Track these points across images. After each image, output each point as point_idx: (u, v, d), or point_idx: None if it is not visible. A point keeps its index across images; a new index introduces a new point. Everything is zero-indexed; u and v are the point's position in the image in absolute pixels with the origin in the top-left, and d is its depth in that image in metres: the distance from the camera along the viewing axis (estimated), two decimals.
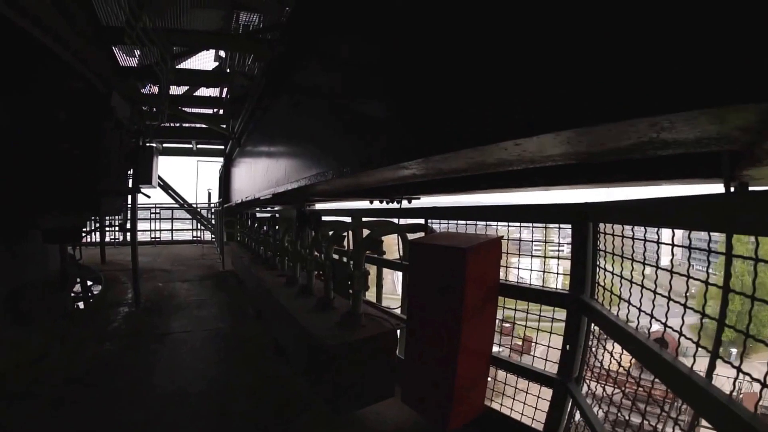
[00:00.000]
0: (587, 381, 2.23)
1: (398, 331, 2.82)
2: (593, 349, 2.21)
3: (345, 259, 3.71)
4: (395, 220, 3.43)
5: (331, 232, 3.32)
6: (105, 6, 4.82)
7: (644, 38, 0.74)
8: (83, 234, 4.79)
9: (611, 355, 2.03)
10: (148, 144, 5.70)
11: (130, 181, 5.28)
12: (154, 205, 13.43)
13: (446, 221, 3.16)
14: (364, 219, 3.68)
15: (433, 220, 3.24)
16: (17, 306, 4.10)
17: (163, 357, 3.95)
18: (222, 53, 10.35)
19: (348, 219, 4.18)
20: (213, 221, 13.49)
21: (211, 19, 7.85)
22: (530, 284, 2.60)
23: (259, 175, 5.11)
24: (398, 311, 3.35)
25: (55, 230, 4.06)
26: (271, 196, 4.09)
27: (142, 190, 5.29)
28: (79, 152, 3.55)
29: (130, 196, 5.03)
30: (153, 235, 13.85)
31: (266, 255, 5.50)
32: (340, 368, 2.51)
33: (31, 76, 3.83)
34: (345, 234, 3.50)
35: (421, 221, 3.29)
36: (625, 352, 1.77)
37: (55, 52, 3.32)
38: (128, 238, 5.97)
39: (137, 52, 7.10)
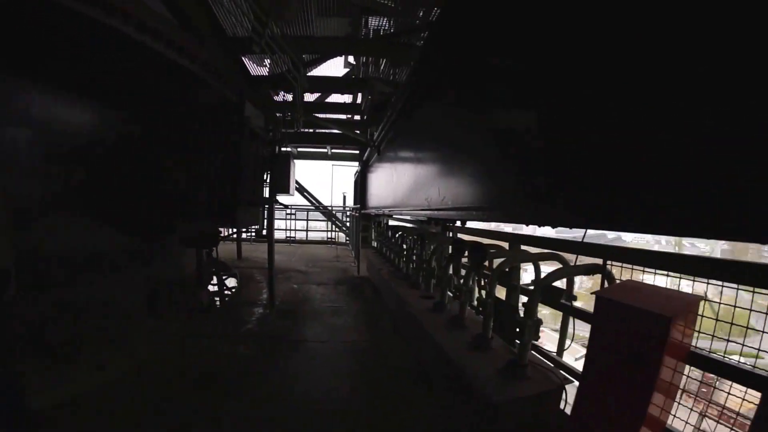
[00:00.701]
0: None
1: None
2: None
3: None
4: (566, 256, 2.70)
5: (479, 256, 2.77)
6: (229, 16, 5.03)
7: None
8: (219, 238, 5.02)
9: None
10: (284, 151, 5.84)
11: (267, 189, 5.39)
12: (289, 206, 14.17)
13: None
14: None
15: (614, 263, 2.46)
16: (155, 304, 4.45)
17: (297, 367, 3.79)
18: (351, 59, 10.62)
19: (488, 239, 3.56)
20: (348, 224, 13.92)
21: (340, 26, 7.96)
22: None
23: (402, 187, 4.81)
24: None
25: (192, 236, 4.27)
26: (425, 218, 3.73)
27: (279, 197, 5.40)
28: (214, 163, 3.63)
29: (266, 206, 5.16)
30: (288, 234, 14.63)
31: (407, 270, 5.11)
32: (504, 428, 2.18)
33: (163, 90, 4.10)
34: (511, 269, 2.97)
35: (598, 261, 2.53)
36: None
37: (186, 66, 3.43)
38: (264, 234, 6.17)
39: (267, 61, 7.55)
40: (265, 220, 4.88)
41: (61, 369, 3.25)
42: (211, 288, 6.44)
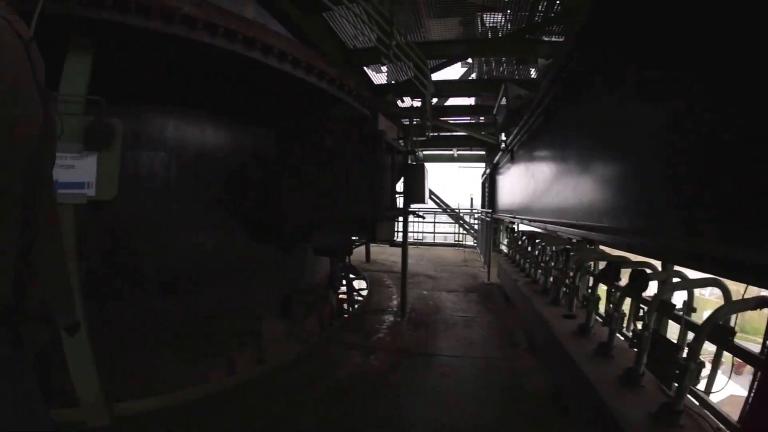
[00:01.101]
0: None
1: None
2: None
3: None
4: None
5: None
6: (348, 29, 5.17)
7: None
8: (353, 249, 5.20)
9: None
10: (418, 161, 5.86)
11: (401, 200, 5.42)
12: (418, 209, 14.22)
13: None
14: None
15: None
16: (288, 309, 4.68)
17: (430, 385, 3.65)
18: (470, 60, 10.24)
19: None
20: (475, 227, 13.50)
21: (452, 28, 7.70)
22: None
23: (544, 195, 4.49)
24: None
25: (326, 247, 4.47)
26: (581, 237, 3.39)
27: (413, 207, 5.40)
28: (352, 178, 3.76)
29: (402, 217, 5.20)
30: (416, 236, 14.77)
31: (545, 284, 4.64)
32: None
33: (296, 107, 4.39)
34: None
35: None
36: None
37: (316, 85, 3.62)
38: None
39: (384, 69, 7.63)
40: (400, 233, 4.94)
41: (195, 368, 3.47)
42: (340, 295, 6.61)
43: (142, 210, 3.27)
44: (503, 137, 7.36)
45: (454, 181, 15.14)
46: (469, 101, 10.59)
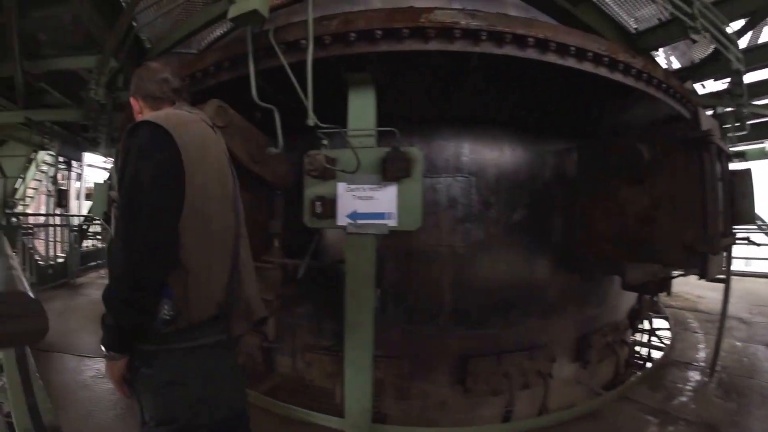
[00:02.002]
0: None
1: None
2: None
3: None
4: None
5: None
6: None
7: None
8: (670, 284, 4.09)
9: None
10: (743, 167, 4.25)
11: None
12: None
13: None
14: None
15: None
16: (582, 351, 3.93)
17: None
18: None
19: None
20: None
21: None
22: None
23: None
24: None
25: (641, 282, 3.57)
26: None
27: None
28: (672, 195, 2.81)
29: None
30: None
31: None
32: None
33: (593, 114, 3.61)
34: None
35: None
36: None
37: (620, 83, 2.85)
38: None
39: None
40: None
41: (473, 404, 3.30)
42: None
43: (440, 237, 3.22)
44: None
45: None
46: None
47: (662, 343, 5.72)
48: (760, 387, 4.02)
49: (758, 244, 4.59)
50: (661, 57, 6.18)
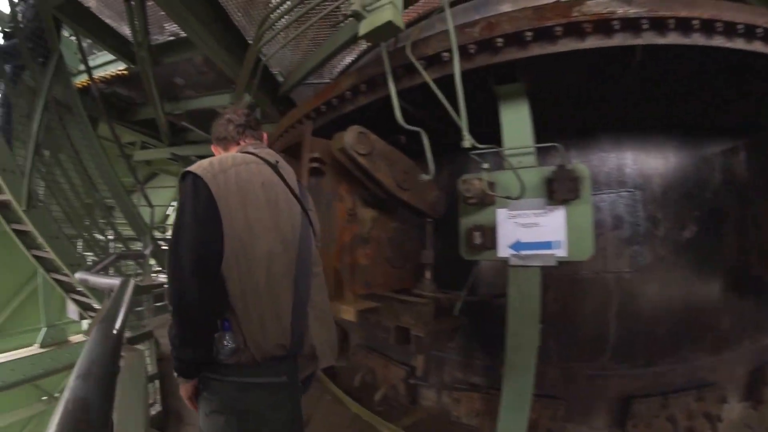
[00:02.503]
0: None
1: None
2: None
3: None
4: None
5: None
6: None
7: None
8: None
9: None
10: None
11: None
12: None
13: None
14: None
15: None
16: (756, 389, 3.22)
17: None
18: None
19: None
20: None
21: None
22: None
23: None
24: None
25: None
26: None
27: None
28: None
29: None
30: None
31: None
32: None
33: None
34: None
35: None
36: None
37: None
38: None
39: None
40: None
41: None
42: None
43: (605, 263, 2.82)
44: None
45: None
46: None
47: None
48: None
49: None
50: None
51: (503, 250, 2.30)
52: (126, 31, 4.36)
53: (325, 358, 1.53)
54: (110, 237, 5.71)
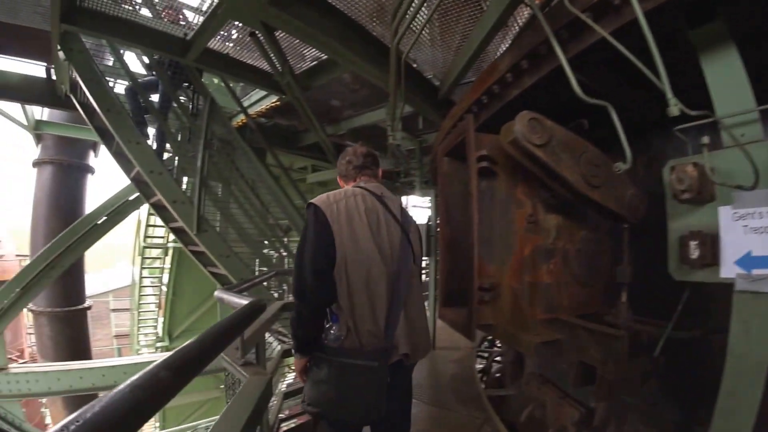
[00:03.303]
0: None
1: None
2: None
3: None
4: None
5: None
6: None
7: None
8: None
9: None
10: None
11: None
12: None
13: None
14: None
15: None
16: None
17: None
18: None
19: None
20: None
21: None
22: None
23: None
24: None
25: None
26: None
27: None
28: None
29: None
30: None
31: None
32: None
33: None
34: None
35: None
36: None
37: None
38: None
39: None
40: None
41: None
42: None
43: None
44: None
45: None
46: None
47: None
48: None
49: None
50: None
51: (728, 268, 1.50)
52: (266, 66, 4.59)
53: (413, 354, 1.80)
54: (284, 254, 6.37)
